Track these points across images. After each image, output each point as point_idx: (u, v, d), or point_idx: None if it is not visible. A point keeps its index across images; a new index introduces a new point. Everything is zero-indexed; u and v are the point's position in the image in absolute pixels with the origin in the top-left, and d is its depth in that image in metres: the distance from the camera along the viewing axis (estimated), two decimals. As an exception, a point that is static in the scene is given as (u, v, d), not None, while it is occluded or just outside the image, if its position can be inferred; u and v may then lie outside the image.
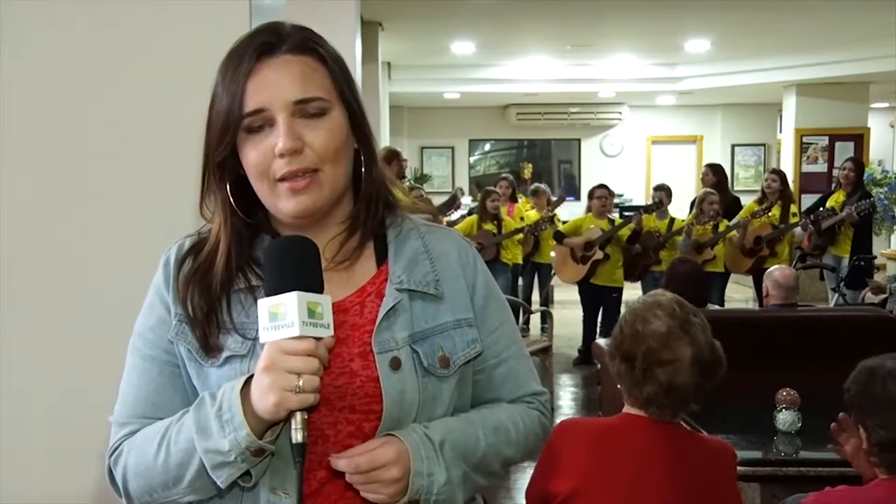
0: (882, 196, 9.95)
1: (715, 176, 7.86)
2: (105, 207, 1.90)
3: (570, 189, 13.07)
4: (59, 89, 1.88)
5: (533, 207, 8.37)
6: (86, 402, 1.84)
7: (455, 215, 7.58)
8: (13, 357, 1.87)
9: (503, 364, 1.30)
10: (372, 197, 1.24)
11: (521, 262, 7.75)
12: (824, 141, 10.39)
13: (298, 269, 1.09)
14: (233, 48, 1.19)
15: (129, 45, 1.89)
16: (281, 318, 1.06)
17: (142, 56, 1.89)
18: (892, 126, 12.96)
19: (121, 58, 1.88)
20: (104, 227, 1.90)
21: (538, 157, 13.80)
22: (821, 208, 7.48)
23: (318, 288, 1.09)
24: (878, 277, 7.33)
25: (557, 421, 1.92)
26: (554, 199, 8.64)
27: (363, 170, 1.23)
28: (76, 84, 1.88)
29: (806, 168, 10.42)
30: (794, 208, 7.36)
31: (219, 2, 1.90)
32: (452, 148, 13.51)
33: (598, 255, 6.87)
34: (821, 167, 10.38)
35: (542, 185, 8.94)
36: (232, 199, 1.19)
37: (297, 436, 1.06)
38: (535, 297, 8.60)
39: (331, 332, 1.08)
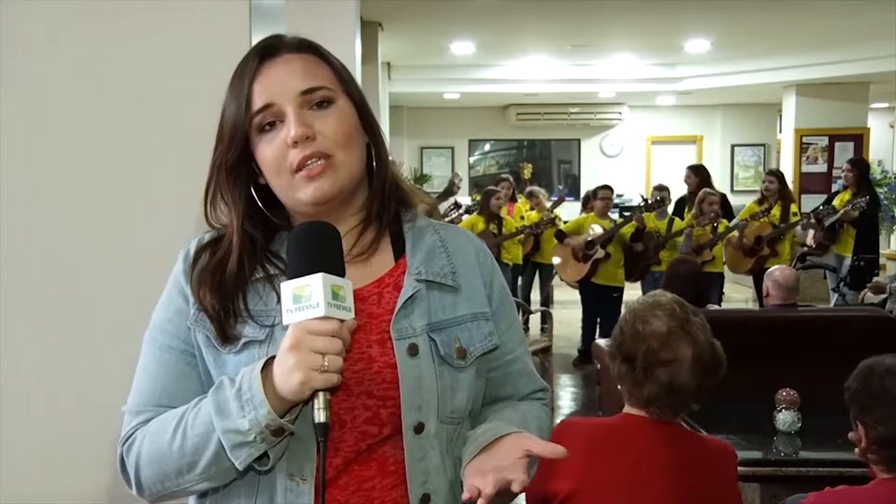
0: (882, 196, 9.94)
1: (697, 177, 7.80)
2: (105, 208, 1.90)
3: (574, 189, 13.06)
4: (59, 90, 1.88)
5: (532, 208, 8.38)
6: (86, 401, 1.84)
7: (454, 215, 7.57)
8: (13, 357, 1.87)
9: (518, 360, 1.34)
10: (384, 188, 1.27)
11: (521, 262, 7.76)
12: (824, 141, 10.39)
13: (322, 253, 1.11)
14: (238, 65, 1.22)
15: (128, 45, 1.89)
16: (305, 299, 1.07)
17: (142, 56, 1.89)
18: (892, 126, 12.96)
19: (121, 59, 1.89)
20: (104, 227, 1.90)
21: (538, 157, 13.79)
22: (820, 206, 7.47)
23: (341, 272, 1.11)
24: (880, 277, 7.31)
25: (557, 421, 1.92)
26: (554, 198, 8.64)
27: (374, 162, 1.26)
28: (76, 85, 1.88)
29: (806, 168, 10.42)
30: (794, 208, 7.35)
31: (219, 3, 1.90)
32: (452, 148, 13.50)
33: (600, 253, 6.88)
34: (821, 167, 10.37)
35: (537, 188, 8.94)
36: (260, 204, 1.22)
37: (321, 415, 1.07)
38: (536, 297, 8.60)
39: (353, 314, 1.09)
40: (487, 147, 13.87)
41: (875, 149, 11.44)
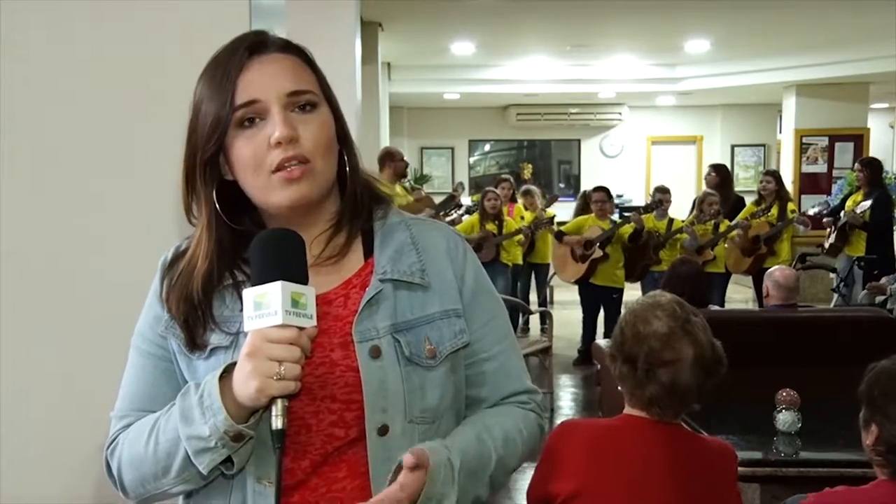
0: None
1: (719, 176, 7.88)
2: (105, 208, 1.90)
3: (576, 189, 13.03)
4: (58, 89, 1.88)
5: (526, 208, 8.36)
6: (85, 401, 1.84)
7: (454, 215, 7.56)
8: (13, 357, 1.87)
9: (494, 359, 1.29)
10: (357, 195, 1.26)
11: (520, 262, 7.74)
12: (824, 141, 10.38)
13: (283, 260, 1.10)
14: (216, 55, 1.21)
15: (128, 45, 1.89)
16: (265, 306, 1.07)
17: (142, 56, 1.89)
18: (892, 126, 12.96)
19: (120, 58, 1.89)
20: (104, 227, 1.90)
21: (538, 157, 13.80)
22: (816, 207, 7.48)
23: (303, 279, 1.10)
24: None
25: (557, 422, 1.92)
26: (549, 197, 8.63)
27: (347, 169, 1.25)
28: (76, 84, 1.88)
29: (806, 168, 10.42)
30: (791, 206, 7.37)
31: (219, 3, 1.90)
32: (452, 148, 13.51)
33: (598, 253, 6.87)
34: (821, 167, 10.37)
35: (533, 187, 8.92)
36: (217, 204, 1.19)
37: (277, 422, 1.08)
38: (534, 297, 8.60)
39: (314, 322, 1.09)
40: (487, 147, 13.88)
41: (875, 149, 11.42)
